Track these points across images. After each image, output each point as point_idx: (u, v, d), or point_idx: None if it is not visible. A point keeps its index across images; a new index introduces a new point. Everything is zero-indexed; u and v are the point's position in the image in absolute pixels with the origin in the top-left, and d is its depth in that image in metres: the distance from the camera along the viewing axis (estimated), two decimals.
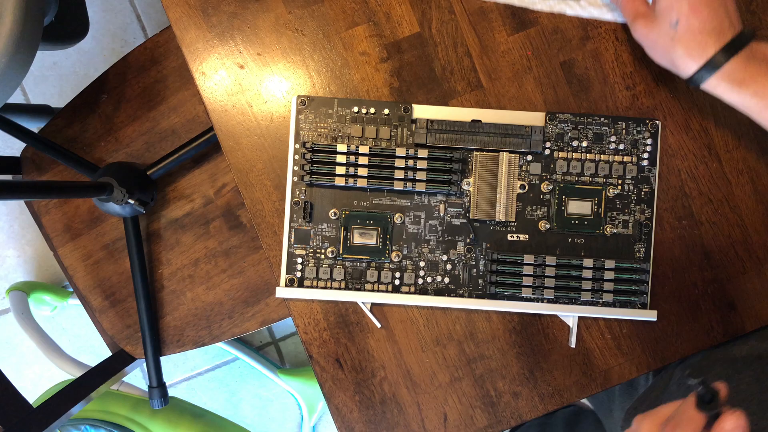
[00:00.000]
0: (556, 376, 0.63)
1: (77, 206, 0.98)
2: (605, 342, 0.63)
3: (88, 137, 0.97)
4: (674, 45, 0.53)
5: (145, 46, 0.97)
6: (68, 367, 1.05)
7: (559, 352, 0.63)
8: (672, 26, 0.53)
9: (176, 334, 0.98)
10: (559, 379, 0.63)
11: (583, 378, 0.63)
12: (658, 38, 0.55)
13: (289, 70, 0.63)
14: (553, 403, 0.63)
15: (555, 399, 0.63)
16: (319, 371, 0.63)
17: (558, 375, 0.63)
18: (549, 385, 0.63)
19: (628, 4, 0.58)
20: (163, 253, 0.97)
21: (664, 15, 0.53)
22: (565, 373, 0.63)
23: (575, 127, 0.62)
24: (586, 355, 0.63)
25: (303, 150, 0.62)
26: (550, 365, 0.63)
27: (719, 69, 0.52)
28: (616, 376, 0.63)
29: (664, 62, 0.56)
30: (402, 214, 0.62)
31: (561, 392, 0.63)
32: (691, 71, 0.53)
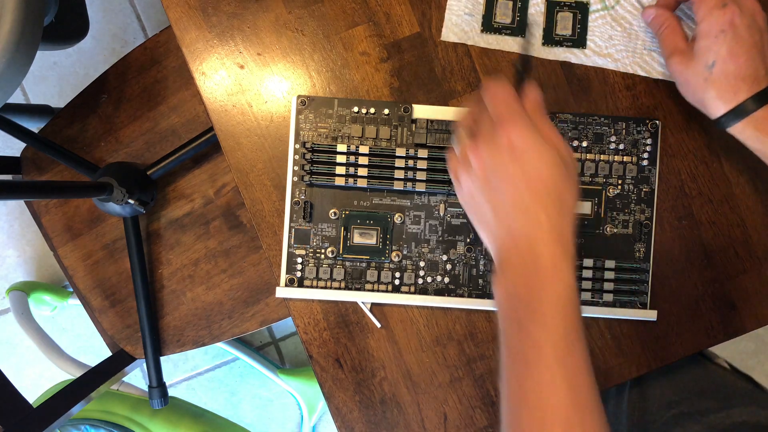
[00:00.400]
0: None
1: (77, 206, 0.98)
2: (605, 342, 0.63)
3: (88, 137, 0.97)
4: (707, 86, 0.54)
5: (145, 46, 0.97)
6: (68, 367, 1.05)
7: None
8: (707, 68, 0.53)
9: (176, 334, 0.98)
10: None
11: None
12: (692, 77, 0.55)
13: (289, 70, 0.63)
14: None
15: None
16: (319, 371, 0.63)
17: None
18: None
19: (668, 39, 0.58)
20: (163, 253, 0.97)
21: (702, 55, 0.53)
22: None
23: (575, 126, 0.62)
24: None
25: (303, 150, 0.62)
26: None
27: (748, 115, 0.52)
28: (616, 376, 0.63)
29: (694, 100, 0.56)
30: (402, 214, 0.62)
31: None
32: (720, 113, 0.54)
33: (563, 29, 0.62)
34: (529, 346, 0.44)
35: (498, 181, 0.47)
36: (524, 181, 0.46)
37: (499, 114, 0.47)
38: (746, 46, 0.52)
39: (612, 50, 0.62)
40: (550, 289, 0.44)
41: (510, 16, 0.62)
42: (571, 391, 0.42)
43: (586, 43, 0.62)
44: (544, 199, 0.46)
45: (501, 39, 0.62)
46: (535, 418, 0.42)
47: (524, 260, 0.46)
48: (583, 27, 0.62)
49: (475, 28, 0.62)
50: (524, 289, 0.45)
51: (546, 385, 0.42)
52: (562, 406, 0.42)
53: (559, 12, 0.62)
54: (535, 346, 0.43)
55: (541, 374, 0.43)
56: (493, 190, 0.47)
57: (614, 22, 0.62)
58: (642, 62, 0.62)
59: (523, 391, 0.43)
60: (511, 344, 0.45)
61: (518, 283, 0.46)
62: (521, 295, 0.45)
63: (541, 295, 0.44)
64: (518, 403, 0.44)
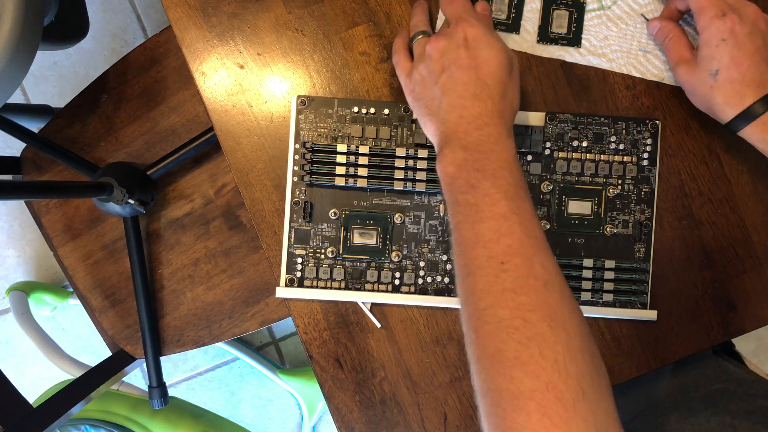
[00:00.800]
0: None
1: (77, 206, 0.98)
2: (605, 342, 0.63)
3: (88, 137, 0.97)
4: (713, 93, 0.55)
5: (145, 46, 0.97)
6: (68, 367, 1.05)
7: None
8: (712, 76, 0.54)
9: (176, 334, 0.98)
10: None
11: None
12: (699, 85, 0.56)
13: (289, 70, 0.63)
14: None
15: None
16: (319, 371, 0.63)
17: None
18: None
19: (673, 49, 0.59)
20: (163, 253, 0.97)
21: (705, 64, 0.55)
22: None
23: (575, 127, 0.62)
24: None
25: (303, 150, 0.62)
26: None
27: (757, 118, 0.53)
28: (616, 376, 0.63)
29: (703, 107, 0.58)
30: (402, 214, 0.62)
31: None
32: (729, 118, 0.55)
33: (558, 27, 0.62)
34: (482, 199, 0.48)
35: (453, 68, 0.51)
36: (475, 70, 0.51)
37: (455, 13, 0.54)
38: (748, 53, 0.53)
39: (607, 50, 0.62)
40: (498, 155, 0.49)
41: (506, 12, 0.62)
42: (525, 230, 0.46)
43: (581, 42, 0.62)
44: (492, 88, 0.51)
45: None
46: (495, 254, 0.46)
47: (470, 135, 0.50)
48: (578, 26, 0.62)
49: None
50: (475, 155, 0.49)
51: (502, 226, 0.46)
52: (518, 241, 0.46)
53: (555, 10, 0.62)
54: (488, 196, 0.48)
55: (496, 219, 0.47)
56: (448, 76, 0.52)
57: (610, 22, 0.62)
58: (637, 63, 0.62)
59: (479, 233, 0.47)
60: (463, 203, 0.49)
61: (467, 154, 0.49)
62: (471, 161, 0.49)
63: (491, 158, 0.49)
64: (473, 245, 0.47)
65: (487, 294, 0.45)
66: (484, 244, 0.46)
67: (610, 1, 0.62)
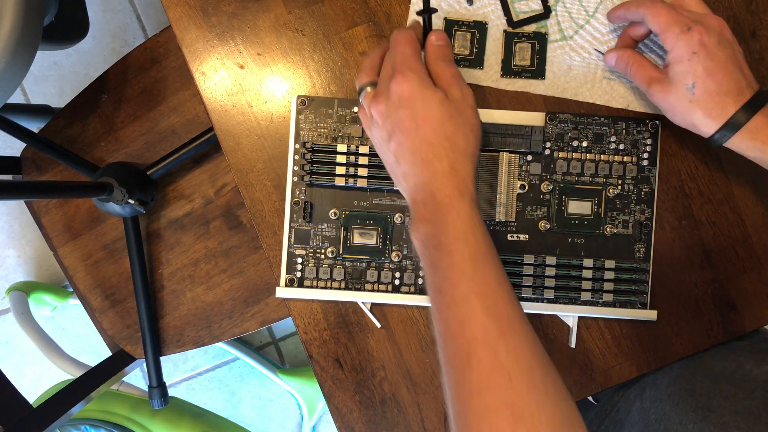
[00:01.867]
0: None
1: (77, 206, 0.98)
2: (605, 342, 0.63)
3: (88, 137, 0.97)
4: (693, 107, 0.53)
5: (145, 46, 0.97)
6: (68, 367, 1.05)
7: (559, 352, 0.63)
8: (689, 90, 0.53)
9: (176, 334, 0.98)
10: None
11: (583, 378, 0.63)
12: (676, 102, 0.54)
13: (289, 70, 0.63)
14: None
15: None
16: (319, 371, 0.63)
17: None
18: None
19: (639, 72, 0.57)
20: (163, 253, 0.97)
21: (680, 79, 0.53)
22: (565, 373, 0.63)
23: (575, 127, 0.62)
24: (586, 355, 0.63)
25: (303, 150, 0.62)
26: None
27: (741, 127, 0.52)
28: (616, 376, 0.63)
29: (684, 123, 0.56)
30: (402, 214, 0.62)
31: None
32: (712, 131, 0.53)
33: (522, 60, 0.62)
34: (443, 282, 0.46)
35: (398, 133, 0.50)
36: (417, 132, 0.49)
37: (394, 65, 0.50)
38: (721, 62, 0.52)
39: (571, 81, 0.62)
40: (450, 225, 0.47)
41: (468, 47, 0.62)
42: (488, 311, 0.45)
43: (545, 74, 0.62)
44: (436, 145, 0.48)
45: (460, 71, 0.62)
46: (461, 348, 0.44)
47: (427, 206, 0.48)
48: (541, 57, 0.62)
49: None
50: (431, 231, 0.48)
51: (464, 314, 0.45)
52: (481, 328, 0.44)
53: (518, 43, 0.62)
54: (447, 280, 0.46)
55: (458, 305, 0.45)
56: (396, 144, 0.50)
57: (573, 52, 0.62)
58: (602, 92, 0.62)
59: (447, 324, 0.46)
60: (431, 285, 0.48)
61: (426, 228, 0.48)
62: (429, 237, 0.48)
63: (444, 232, 0.47)
64: (445, 338, 0.46)
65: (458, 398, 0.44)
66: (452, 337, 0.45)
67: (572, 31, 0.62)
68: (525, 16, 0.62)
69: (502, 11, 0.62)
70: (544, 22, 0.62)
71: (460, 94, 0.50)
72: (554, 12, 0.62)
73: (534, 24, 0.62)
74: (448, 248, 0.47)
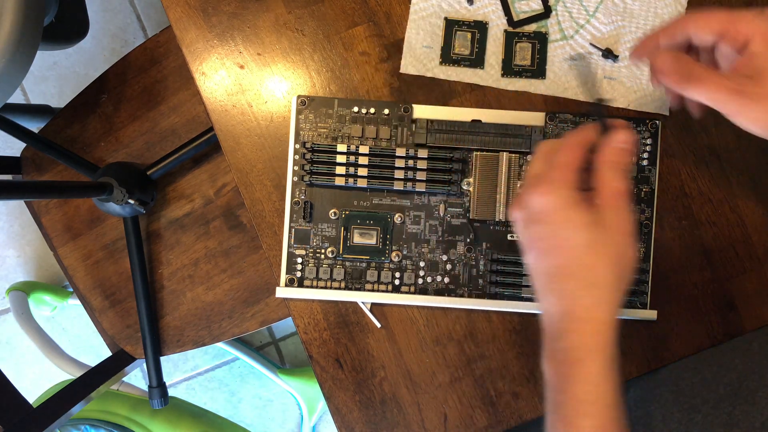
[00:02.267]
0: None
1: (77, 206, 0.98)
2: None
3: (88, 137, 0.97)
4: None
5: (145, 46, 0.97)
6: (68, 367, 1.05)
7: None
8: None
9: (176, 334, 0.98)
10: None
11: None
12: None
13: (289, 70, 0.63)
14: None
15: None
16: (319, 371, 0.63)
17: None
18: None
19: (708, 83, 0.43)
20: (163, 253, 0.97)
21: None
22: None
23: (575, 126, 0.62)
24: None
25: (303, 150, 0.62)
26: None
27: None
28: None
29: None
30: (402, 214, 0.62)
31: None
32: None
33: (522, 60, 0.62)
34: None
35: (532, 248, 0.44)
36: (547, 252, 0.43)
37: (545, 169, 0.44)
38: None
39: (572, 81, 0.62)
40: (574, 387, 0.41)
41: (469, 47, 0.62)
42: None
43: (546, 74, 0.62)
44: (569, 277, 0.42)
45: (460, 70, 0.62)
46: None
47: (553, 346, 0.43)
48: (542, 57, 0.62)
49: (434, 60, 0.62)
50: (553, 381, 0.42)
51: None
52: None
53: (518, 42, 0.62)
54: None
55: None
56: (531, 256, 0.45)
57: (573, 51, 0.62)
58: (602, 91, 0.62)
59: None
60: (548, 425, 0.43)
61: (549, 375, 0.43)
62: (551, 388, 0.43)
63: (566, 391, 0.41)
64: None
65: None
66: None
67: (573, 31, 0.62)
68: (525, 15, 0.62)
69: (503, 11, 0.62)
70: (545, 22, 0.62)
71: (615, 219, 0.42)
72: (554, 12, 0.62)
73: (534, 24, 0.62)
74: (568, 417, 0.41)
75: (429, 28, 0.62)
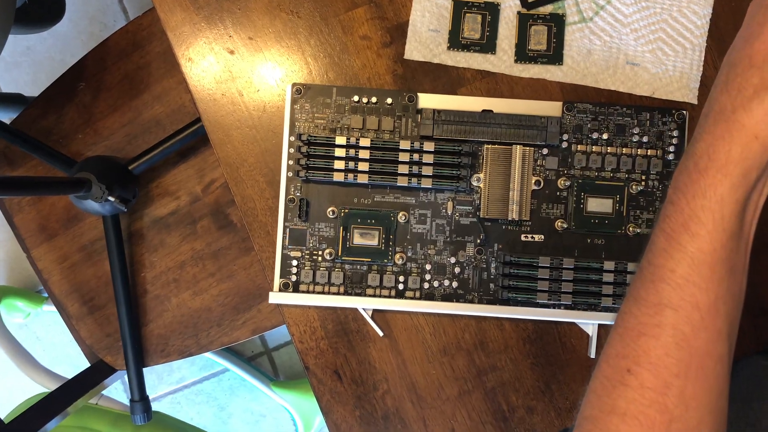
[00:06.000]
0: (574, 389, 0.63)
1: (52, 204, 0.98)
2: None
3: (65, 129, 0.97)
4: None
5: (127, 30, 0.97)
6: (43, 380, 1.05)
7: (577, 363, 0.63)
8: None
9: (160, 344, 0.98)
10: (577, 393, 0.63)
11: None
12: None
13: (283, 55, 0.63)
14: (571, 419, 0.63)
15: (573, 414, 0.63)
16: (315, 384, 0.64)
17: (576, 388, 0.63)
18: (566, 398, 0.63)
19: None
20: (145, 255, 0.98)
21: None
22: (584, 386, 0.63)
23: (595, 117, 0.62)
24: None
25: (298, 143, 0.62)
26: (567, 377, 0.63)
27: None
28: None
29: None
30: (406, 213, 0.62)
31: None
32: None
33: (537, 44, 0.62)
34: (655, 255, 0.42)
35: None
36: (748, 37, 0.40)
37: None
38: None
39: (591, 67, 0.62)
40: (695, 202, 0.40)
41: (479, 31, 0.62)
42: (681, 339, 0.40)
43: (563, 59, 0.62)
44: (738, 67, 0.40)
45: (470, 56, 0.62)
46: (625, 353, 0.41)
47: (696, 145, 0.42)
48: (558, 41, 0.62)
49: (441, 45, 0.62)
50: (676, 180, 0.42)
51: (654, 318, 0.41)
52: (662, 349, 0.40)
53: (533, 25, 0.62)
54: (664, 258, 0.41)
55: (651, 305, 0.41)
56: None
57: (593, 35, 0.62)
58: (624, 78, 0.62)
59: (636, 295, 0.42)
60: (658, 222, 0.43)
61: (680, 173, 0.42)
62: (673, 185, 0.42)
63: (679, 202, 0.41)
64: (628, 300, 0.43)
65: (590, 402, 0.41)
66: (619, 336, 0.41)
67: (592, 12, 0.62)
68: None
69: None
70: (562, 3, 0.62)
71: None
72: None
73: (550, 5, 0.62)
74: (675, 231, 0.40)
75: (436, 10, 0.62)
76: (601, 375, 0.43)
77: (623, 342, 0.42)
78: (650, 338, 0.40)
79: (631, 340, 0.42)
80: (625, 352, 0.41)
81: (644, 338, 0.41)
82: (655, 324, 0.41)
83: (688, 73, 0.61)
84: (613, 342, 0.43)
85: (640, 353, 0.41)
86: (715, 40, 0.61)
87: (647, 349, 0.40)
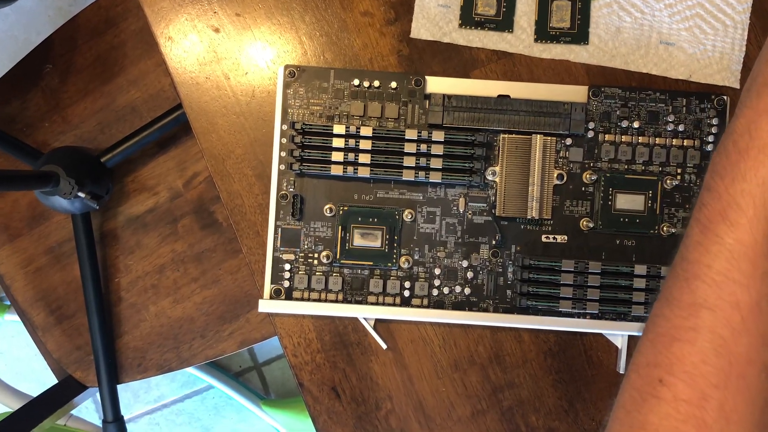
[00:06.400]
0: (601, 408, 0.63)
1: (15, 201, 0.98)
2: None
3: (29, 116, 0.98)
4: None
5: (99, 5, 0.97)
6: (4, 398, 1.05)
7: (605, 379, 0.63)
8: None
9: (136, 357, 0.99)
10: (605, 412, 0.63)
11: None
12: None
13: (274, 34, 0.63)
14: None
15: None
16: (311, 402, 0.64)
17: (604, 407, 0.63)
18: (593, 419, 0.63)
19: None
20: (120, 258, 0.98)
21: None
22: (612, 401, 0.63)
23: (625, 103, 0.62)
24: None
25: (292, 132, 0.62)
26: (594, 395, 0.63)
27: None
28: None
29: None
30: (413, 211, 0.62)
31: None
32: None
33: (560, 21, 0.62)
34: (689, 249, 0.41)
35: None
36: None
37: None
38: None
39: (621, 46, 0.62)
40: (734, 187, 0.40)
41: (495, 6, 0.62)
42: (720, 345, 0.39)
43: (589, 38, 0.62)
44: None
45: (484, 35, 0.62)
46: (655, 362, 0.41)
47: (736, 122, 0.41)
48: (584, 18, 0.62)
49: (452, 22, 0.63)
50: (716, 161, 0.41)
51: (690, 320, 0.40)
52: (699, 355, 0.39)
53: (555, 1, 0.62)
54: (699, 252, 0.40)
55: (686, 307, 0.41)
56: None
57: (622, 11, 0.62)
58: (658, 60, 0.62)
59: (670, 298, 0.42)
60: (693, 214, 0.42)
61: (719, 153, 0.41)
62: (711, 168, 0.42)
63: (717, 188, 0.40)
64: (661, 303, 0.42)
65: (620, 425, 0.42)
66: (650, 341, 0.41)
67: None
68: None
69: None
70: None
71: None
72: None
73: None
74: (711, 222, 0.40)
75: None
76: (630, 387, 0.43)
77: (655, 349, 0.42)
78: (685, 344, 0.40)
79: (664, 346, 0.41)
80: (657, 360, 0.41)
81: (678, 344, 0.41)
82: (689, 327, 0.41)
83: (729, 54, 0.61)
84: (643, 349, 0.43)
85: (673, 361, 0.40)
86: (759, 17, 0.61)
87: (681, 357, 0.40)
